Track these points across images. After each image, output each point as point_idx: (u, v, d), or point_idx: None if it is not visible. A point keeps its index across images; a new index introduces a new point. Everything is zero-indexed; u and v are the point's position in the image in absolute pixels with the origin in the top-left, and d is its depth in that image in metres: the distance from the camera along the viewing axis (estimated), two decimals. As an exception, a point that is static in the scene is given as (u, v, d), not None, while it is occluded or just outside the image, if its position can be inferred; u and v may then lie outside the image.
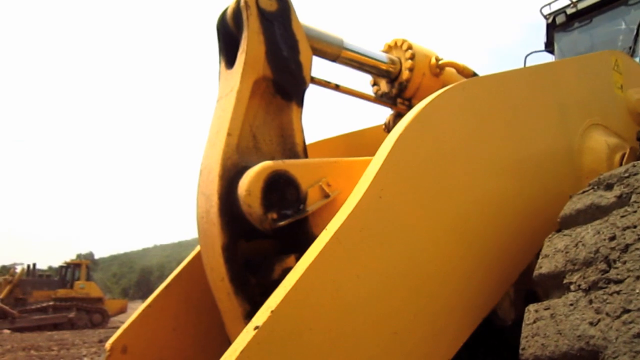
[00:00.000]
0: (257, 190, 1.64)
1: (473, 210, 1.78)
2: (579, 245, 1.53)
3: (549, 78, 2.31)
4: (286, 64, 1.95)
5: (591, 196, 1.70)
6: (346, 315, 1.40)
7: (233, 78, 1.91)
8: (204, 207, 1.78)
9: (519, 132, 2.03)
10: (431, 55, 2.58)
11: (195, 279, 2.12)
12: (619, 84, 2.80)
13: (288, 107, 1.97)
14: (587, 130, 2.39)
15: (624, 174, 1.67)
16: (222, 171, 1.74)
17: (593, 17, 4.57)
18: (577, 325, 1.37)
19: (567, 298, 1.46)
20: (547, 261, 1.60)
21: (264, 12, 1.92)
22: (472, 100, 1.87)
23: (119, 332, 2.05)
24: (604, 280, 1.39)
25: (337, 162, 1.86)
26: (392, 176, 1.55)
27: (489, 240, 1.81)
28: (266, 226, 1.66)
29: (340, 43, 2.26)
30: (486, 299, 1.79)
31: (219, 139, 1.81)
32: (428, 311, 1.60)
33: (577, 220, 1.67)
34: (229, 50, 2.00)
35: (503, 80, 2.06)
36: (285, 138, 1.97)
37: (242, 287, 1.71)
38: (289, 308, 1.28)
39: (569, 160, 2.27)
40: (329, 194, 1.75)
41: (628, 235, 1.42)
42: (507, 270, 1.87)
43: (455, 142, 1.77)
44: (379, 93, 2.63)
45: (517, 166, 1.99)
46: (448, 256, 1.67)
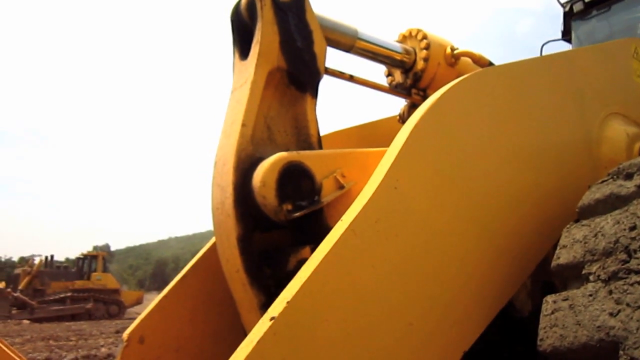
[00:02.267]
0: (271, 182, 1.64)
1: (489, 200, 1.76)
2: (598, 236, 1.51)
3: (566, 67, 2.27)
4: (300, 54, 1.94)
5: (610, 186, 1.67)
6: (361, 306, 1.40)
7: (247, 69, 1.90)
8: (219, 198, 1.78)
9: (536, 122, 2.01)
10: (446, 44, 2.55)
11: (210, 270, 2.13)
12: (639, 72, 2.75)
13: (302, 98, 1.96)
14: (605, 119, 2.35)
15: (644, 163, 1.65)
16: (236, 162, 1.74)
17: (611, 5, 4.48)
18: (596, 316, 1.35)
19: (586, 289, 1.44)
20: (566, 252, 1.58)
21: (277, 3, 1.91)
22: (488, 90, 1.85)
23: (136, 323, 2.06)
24: (624, 271, 1.37)
25: (352, 153, 1.85)
26: (408, 167, 1.53)
27: (506, 231, 1.79)
28: (281, 217, 1.66)
29: (354, 33, 2.24)
30: (503, 290, 1.78)
31: (234, 130, 1.81)
32: (444, 302, 1.59)
33: (596, 210, 1.65)
34: (243, 41, 2.00)
35: (519, 70, 2.03)
36: (300, 129, 1.96)
37: (257, 278, 1.71)
38: (305, 299, 1.28)
39: (588, 150, 2.24)
40: (344, 185, 1.75)
41: (649, 225, 1.40)
42: (524, 261, 1.85)
43: (471, 132, 1.75)
44: (393, 84, 2.61)
45: (534, 156, 1.97)
46: (464, 247, 1.66)
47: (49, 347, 13.21)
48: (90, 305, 29.41)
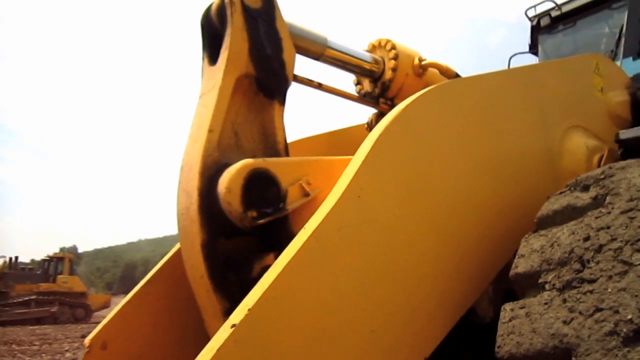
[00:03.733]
0: (237, 188, 1.64)
1: (452, 209, 1.79)
2: (554, 246, 1.55)
3: (530, 80, 2.33)
4: (269, 61, 1.95)
5: (568, 197, 1.72)
6: (324, 313, 1.41)
7: (216, 74, 1.90)
8: (185, 203, 1.77)
9: (499, 133, 2.05)
10: (414, 55, 2.59)
11: (175, 275, 2.11)
12: (600, 87, 2.84)
13: (270, 105, 1.97)
14: (567, 132, 2.42)
15: (600, 176, 1.70)
16: (202, 168, 1.74)
17: (577, 20, 4.62)
18: (551, 324, 1.39)
19: (542, 297, 1.48)
20: (524, 261, 1.62)
21: (248, 9, 1.91)
22: (453, 101, 1.89)
23: (99, 328, 2.03)
24: (577, 280, 1.42)
25: (318, 160, 1.86)
26: (371, 176, 1.55)
27: (468, 239, 1.83)
28: (246, 224, 1.66)
29: (324, 41, 2.26)
30: (464, 297, 1.81)
31: (200, 136, 1.81)
32: (406, 309, 1.61)
33: (554, 221, 1.69)
34: (213, 46, 2.00)
35: (484, 82, 2.08)
36: (267, 136, 1.97)
37: (221, 284, 1.71)
38: (266, 306, 1.28)
39: (549, 162, 2.30)
40: (309, 193, 1.76)
41: (602, 236, 1.45)
42: (485, 269, 1.89)
43: (435, 142, 1.78)
44: (362, 92, 2.64)
45: (497, 167, 2.01)
46: (426, 255, 1.68)
47: (11, 352, 12.86)
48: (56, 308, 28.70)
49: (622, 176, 1.63)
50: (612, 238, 1.42)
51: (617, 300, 1.28)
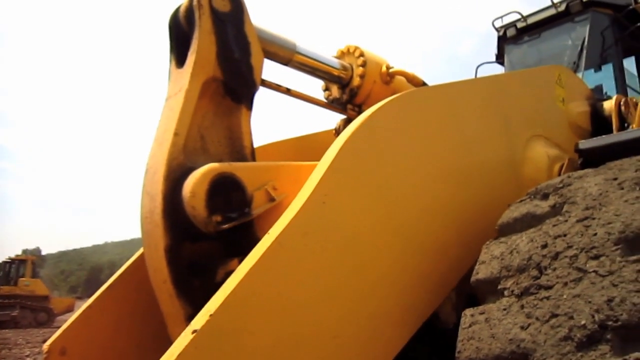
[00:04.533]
0: (201, 192, 1.63)
1: (417, 216, 1.82)
2: (513, 253, 1.59)
3: (494, 90, 2.39)
4: (237, 66, 1.95)
5: (527, 205, 1.76)
6: (287, 319, 1.41)
7: (183, 77, 1.89)
8: (148, 207, 1.75)
9: (463, 141, 2.09)
10: (382, 63, 2.62)
11: (138, 280, 2.08)
12: (561, 98, 2.92)
13: (237, 109, 1.97)
14: (529, 141, 2.48)
15: (559, 185, 1.75)
16: (167, 171, 1.72)
17: (542, 32, 4.75)
18: (509, 329, 1.42)
19: (501, 303, 1.51)
20: (484, 267, 1.66)
21: (216, 12, 1.91)
22: (419, 109, 1.92)
23: (58, 333, 1.99)
24: (535, 286, 1.45)
25: (284, 166, 1.87)
26: (336, 182, 1.56)
27: (432, 245, 1.86)
28: (210, 229, 1.65)
29: (292, 47, 2.27)
30: (426, 303, 1.83)
31: (166, 139, 1.79)
32: (369, 315, 1.62)
33: (514, 228, 1.73)
34: (180, 49, 1.98)
35: (449, 91, 2.11)
36: (234, 140, 1.96)
37: (184, 289, 1.70)
38: (228, 311, 1.28)
39: (512, 170, 2.35)
40: (275, 198, 1.76)
41: (559, 243, 1.49)
42: (448, 275, 1.92)
43: (400, 149, 1.80)
44: (330, 98, 2.66)
45: (461, 174, 2.05)
46: (390, 262, 1.70)
47: (-32, 357, 12.46)
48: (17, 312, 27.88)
49: (579, 185, 1.68)
50: (568, 246, 1.46)
51: (572, 306, 1.32)
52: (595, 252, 1.39)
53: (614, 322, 1.23)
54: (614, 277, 1.30)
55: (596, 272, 1.34)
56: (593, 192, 1.59)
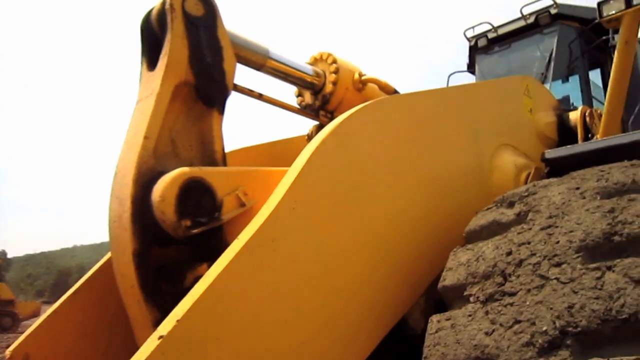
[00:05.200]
0: (171, 197, 1.62)
1: (386, 223, 1.84)
2: (479, 259, 1.62)
3: (464, 99, 2.43)
4: (209, 70, 1.94)
5: (494, 213, 1.80)
6: (255, 324, 1.41)
7: (154, 80, 1.88)
8: (117, 211, 1.73)
9: (432, 149, 2.13)
10: (355, 70, 2.65)
11: (106, 284, 2.05)
12: (529, 108, 2.99)
13: (209, 113, 1.96)
14: (497, 150, 2.53)
15: (524, 193, 1.79)
16: (137, 175, 1.70)
17: (512, 43, 4.86)
18: (474, 335, 1.45)
19: (466, 309, 1.54)
20: (451, 274, 1.68)
21: (189, 16, 1.90)
22: (389, 117, 1.94)
23: (21, 339, 1.95)
24: (499, 293, 1.48)
25: (255, 171, 1.87)
26: (307, 188, 1.57)
27: (401, 252, 1.88)
28: (179, 233, 1.64)
29: (265, 52, 2.27)
30: (396, 308, 1.85)
31: (136, 142, 1.77)
32: (337, 321, 1.63)
33: (480, 235, 1.77)
34: (152, 52, 1.97)
35: (420, 100, 2.15)
36: (205, 145, 1.95)
37: (152, 294, 1.68)
38: (196, 317, 1.27)
39: (480, 178, 2.40)
40: (245, 203, 1.76)
41: (523, 250, 1.53)
42: (416, 281, 1.95)
43: (371, 156, 1.82)
44: (302, 104, 2.67)
45: (430, 182, 2.08)
46: (359, 268, 1.72)
47: None
48: (-20, 317, 27.15)
49: (544, 194, 1.72)
50: (532, 253, 1.49)
51: (534, 312, 1.35)
52: (557, 260, 1.42)
53: (574, 328, 1.26)
54: (575, 284, 1.34)
55: (558, 279, 1.38)
56: (556, 201, 1.64)
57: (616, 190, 1.58)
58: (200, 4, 1.93)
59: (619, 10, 2.95)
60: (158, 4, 1.94)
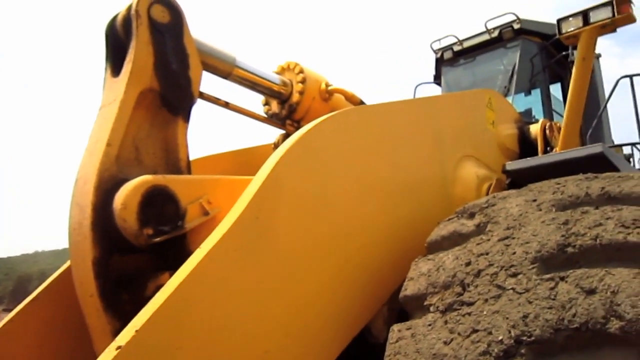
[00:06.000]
0: (133, 205, 1.61)
1: (350, 232, 1.86)
2: (440, 270, 1.65)
3: (428, 111, 2.48)
4: (175, 78, 1.93)
5: (455, 224, 1.84)
6: (217, 334, 1.40)
7: (118, 87, 1.86)
8: (77, 218, 1.71)
9: (396, 160, 2.16)
10: (321, 80, 2.68)
11: (65, 292, 2.01)
12: (492, 120, 3.06)
13: (174, 121, 1.95)
14: (460, 161, 2.59)
15: (484, 204, 1.84)
16: (98, 182, 1.68)
17: (476, 56, 4.98)
18: (433, 344, 1.47)
19: (426, 318, 1.56)
20: (412, 283, 1.71)
21: (155, 23, 1.89)
22: (354, 127, 1.97)
23: None
24: (458, 303, 1.51)
25: (220, 179, 1.86)
26: (270, 197, 1.58)
27: (364, 261, 1.90)
28: (141, 241, 1.63)
29: (232, 61, 2.28)
30: (357, 318, 1.87)
31: (98, 149, 1.75)
32: (301, 330, 1.64)
33: (441, 246, 1.80)
34: (116, 57, 1.95)
35: (385, 111, 2.18)
36: (169, 152, 1.94)
37: (112, 303, 1.66)
38: (156, 327, 1.26)
39: (443, 189, 2.44)
40: (209, 212, 1.75)
41: (481, 261, 1.56)
42: (379, 290, 1.97)
43: (335, 166, 1.84)
44: (269, 113, 2.69)
45: (394, 192, 2.11)
46: (322, 277, 1.73)
47: None
48: None
49: (502, 205, 1.77)
50: (490, 263, 1.53)
51: (491, 322, 1.38)
52: (514, 270, 1.46)
53: (528, 337, 1.30)
54: (530, 294, 1.38)
55: (514, 289, 1.42)
56: (514, 213, 1.68)
57: (570, 202, 1.64)
58: (167, 11, 1.92)
59: (576, 28, 3.07)
60: (124, 9, 1.92)
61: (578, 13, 3.07)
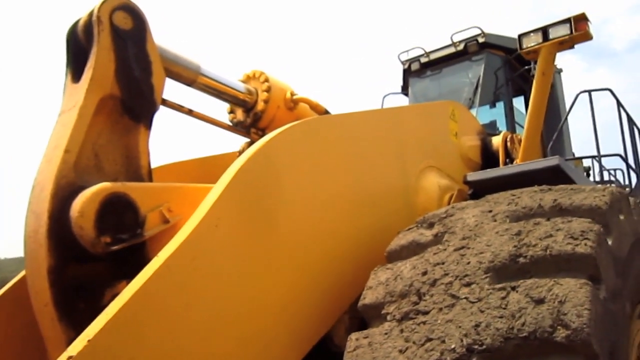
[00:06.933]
0: (90, 212, 1.59)
1: (310, 241, 1.87)
2: (397, 279, 1.68)
3: (391, 122, 2.52)
4: (137, 84, 1.92)
5: (414, 233, 1.87)
6: (172, 344, 1.40)
7: (78, 93, 1.84)
8: (33, 226, 1.68)
9: (358, 170, 2.18)
10: (287, 89, 2.70)
11: (20, 302, 1.96)
12: (454, 132, 3.12)
13: (135, 128, 1.93)
14: (423, 171, 2.63)
15: (443, 215, 1.87)
16: (55, 189, 1.66)
17: (443, 68, 5.07)
18: (389, 353, 1.49)
19: (383, 327, 1.58)
20: (371, 292, 1.73)
21: (117, 29, 1.88)
22: (316, 137, 1.99)
23: None
24: (414, 312, 1.54)
25: (181, 187, 1.85)
26: (230, 206, 1.58)
27: (324, 270, 1.91)
28: (98, 250, 1.61)
29: (196, 68, 2.27)
30: (317, 327, 1.88)
31: (56, 155, 1.73)
32: (259, 338, 1.64)
33: (400, 255, 1.83)
34: (77, 63, 1.92)
35: (347, 121, 2.21)
36: (130, 159, 1.92)
37: (67, 313, 1.63)
38: (108, 337, 1.24)
39: (405, 199, 2.48)
40: (169, 220, 1.74)
41: (437, 270, 1.59)
42: (340, 299, 1.98)
43: (296, 175, 1.85)
44: (235, 121, 2.69)
45: (355, 202, 2.13)
46: (283, 285, 1.73)
47: None
48: None
49: (460, 216, 1.81)
50: (445, 273, 1.56)
51: (445, 330, 1.41)
52: (468, 280, 1.50)
53: (480, 345, 1.33)
54: (482, 303, 1.41)
55: (467, 298, 1.45)
56: (470, 223, 1.72)
57: (524, 214, 1.69)
58: (130, 18, 1.91)
59: (537, 43, 3.16)
60: (85, 15, 1.90)
61: (538, 29, 3.16)
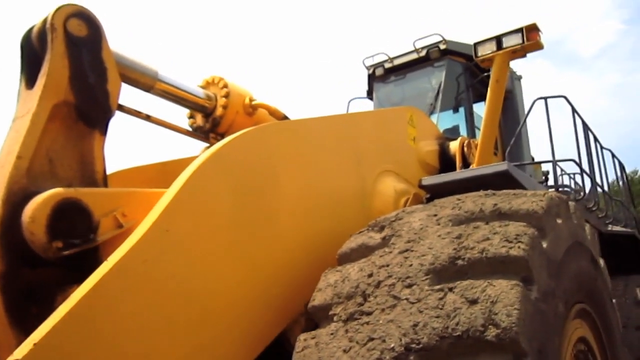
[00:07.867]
0: (42, 218, 1.60)
1: (263, 245, 1.91)
2: (345, 281, 1.74)
3: (348, 127, 2.58)
4: (92, 91, 1.94)
5: (364, 236, 1.93)
6: (121, 346, 1.42)
7: (31, 99, 1.85)
8: None
9: (315, 174, 2.24)
10: (246, 95, 2.74)
11: None
12: (412, 137, 3.21)
13: (90, 134, 1.95)
14: (379, 175, 2.70)
15: (393, 218, 1.94)
16: (7, 195, 1.67)
17: (406, 74, 5.16)
18: (333, 353, 1.55)
19: (329, 328, 1.64)
20: (320, 294, 1.78)
21: (71, 36, 1.89)
22: (272, 142, 2.03)
23: None
24: (359, 312, 1.60)
25: (136, 192, 1.88)
26: (182, 210, 1.62)
27: (277, 273, 1.95)
28: (50, 255, 1.63)
29: (154, 74, 2.30)
30: (269, 328, 1.92)
31: (8, 161, 1.74)
32: (211, 340, 1.67)
33: (350, 258, 1.89)
34: (31, 70, 1.93)
35: (304, 126, 2.26)
36: (85, 165, 1.94)
37: (19, 317, 1.64)
38: (55, 340, 1.26)
39: (362, 202, 2.54)
40: (123, 225, 1.77)
41: (382, 272, 1.66)
42: (293, 301, 2.02)
43: (249, 180, 1.89)
44: (194, 126, 2.72)
45: (311, 205, 2.18)
46: (234, 288, 1.77)
47: None
48: None
49: (407, 220, 1.87)
50: (389, 275, 1.63)
51: (385, 330, 1.47)
52: (409, 282, 1.56)
53: (417, 344, 1.39)
54: (421, 304, 1.48)
55: (407, 299, 1.52)
56: (416, 227, 1.79)
57: (466, 218, 1.76)
58: (84, 25, 1.92)
59: (491, 52, 3.26)
60: (39, 22, 1.92)
61: (492, 38, 3.26)
